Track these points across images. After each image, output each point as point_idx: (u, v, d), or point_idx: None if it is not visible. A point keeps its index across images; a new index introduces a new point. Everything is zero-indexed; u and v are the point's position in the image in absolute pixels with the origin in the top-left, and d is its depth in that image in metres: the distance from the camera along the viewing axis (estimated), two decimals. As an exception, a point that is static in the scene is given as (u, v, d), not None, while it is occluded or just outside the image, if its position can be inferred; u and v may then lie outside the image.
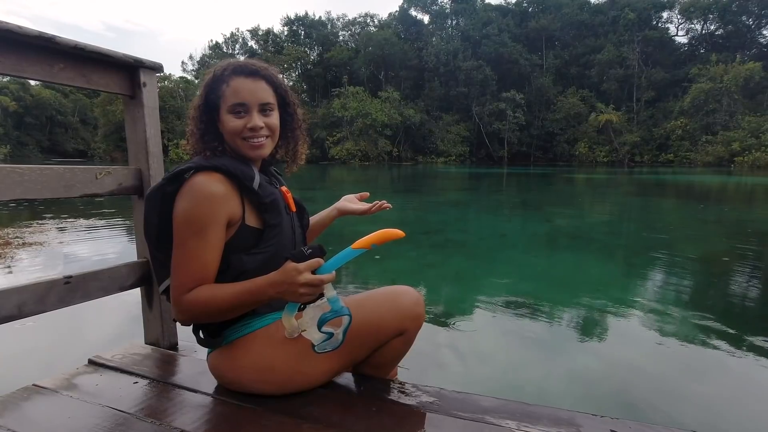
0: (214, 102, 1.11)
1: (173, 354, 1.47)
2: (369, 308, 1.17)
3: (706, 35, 51.85)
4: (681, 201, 12.11)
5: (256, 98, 1.10)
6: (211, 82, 1.12)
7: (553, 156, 52.26)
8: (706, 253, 5.37)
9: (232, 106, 1.09)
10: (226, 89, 1.10)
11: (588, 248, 5.68)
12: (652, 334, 2.75)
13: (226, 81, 1.10)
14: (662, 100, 48.39)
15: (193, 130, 1.13)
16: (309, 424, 1.04)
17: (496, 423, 1.05)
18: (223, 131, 1.12)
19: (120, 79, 1.40)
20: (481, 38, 53.86)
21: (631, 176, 24.39)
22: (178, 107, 50.38)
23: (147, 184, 1.46)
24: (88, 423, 1.05)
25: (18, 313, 1.16)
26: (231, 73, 1.10)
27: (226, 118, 1.10)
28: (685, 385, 2.18)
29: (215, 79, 1.11)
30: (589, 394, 2.06)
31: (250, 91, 1.10)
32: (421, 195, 13.58)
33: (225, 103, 1.10)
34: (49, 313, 1.26)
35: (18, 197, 1.15)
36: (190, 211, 1.02)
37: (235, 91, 1.09)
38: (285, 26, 65.48)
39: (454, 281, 4.11)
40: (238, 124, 1.10)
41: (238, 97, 1.09)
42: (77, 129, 57.17)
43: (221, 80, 1.10)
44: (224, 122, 1.11)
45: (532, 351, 2.53)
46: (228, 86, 1.09)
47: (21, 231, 6.18)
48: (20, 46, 1.14)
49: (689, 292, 3.74)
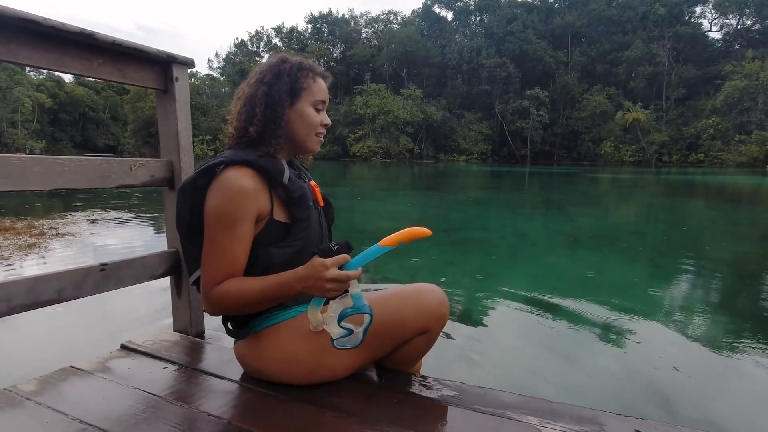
0: (296, 91, 1.13)
1: (200, 342, 1.52)
2: (393, 306, 1.17)
3: (742, 30, 49.93)
4: (711, 202, 11.71)
5: (327, 100, 1.19)
6: (296, 71, 1.13)
7: (578, 155, 51.27)
8: (737, 255, 5.19)
9: (318, 101, 1.15)
10: (314, 84, 1.14)
11: (612, 248, 5.56)
12: (678, 336, 2.68)
13: (312, 77, 1.14)
14: (693, 98, 46.89)
15: (261, 111, 1.10)
16: (331, 413, 1.06)
17: (517, 419, 1.05)
18: (295, 123, 1.13)
19: (154, 74, 1.44)
20: (505, 35, 53.19)
21: (659, 176, 23.72)
22: (203, 104, 51.43)
23: (178, 176, 1.50)
24: (121, 404, 1.10)
25: (58, 298, 1.22)
26: (318, 74, 1.16)
27: (309, 111, 1.14)
28: (713, 388, 2.12)
29: (302, 69, 1.14)
30: (613, 394, 2.03)
31: (326, 92, 1.18)
32: (441, 193, 13.52)
33: (311, 97, 1.14)
34: (86, 299, 1.32)
35: (60, 186, 1.20)
36: (220, 206, 1.04)
37: (322, 90, 1.16)
38: (309, 24, 66.10)
39: (475, 279, 4.09)
40: (318, 119, 1.16)
41: (323, 95, 1.16)
42: (108, 125, 58.96)
43: (307, 74, 1.14)
44: (304, 114, 1.14)
45: (554, 350, 2.50)
46: (315, 82, 1.14)
47: (55, 222, 6.43)
48: (62, 42, 1.19)
49: (717, 295, 3.63)
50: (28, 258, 4.25)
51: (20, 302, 1.13)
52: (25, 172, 1.13)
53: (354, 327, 1.05)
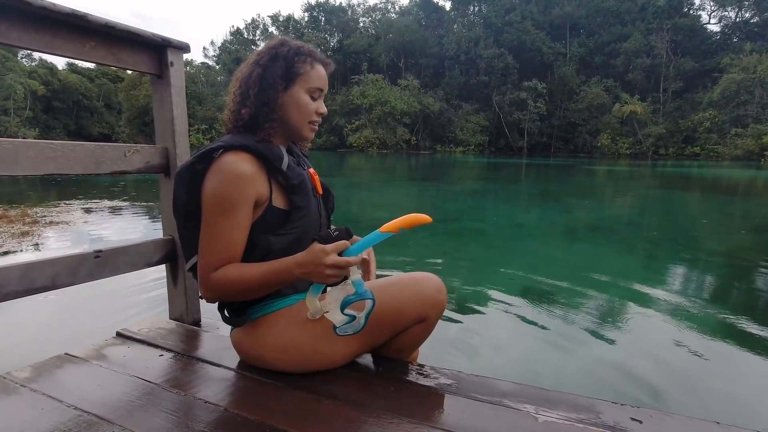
0: (291, 76, 1.10)
1: (196, 330, 1.51)
2: (391, 294, 1.17)
3: (740, 23, 49.82)
4: (706, 194, 11.77)
5: (326, 88, 1.15)
6: (294, 55, 1.10)
7: (574, 147, 51.29)
8: (731, 246, 5.22)
9: (314, 89, 1.12)
10: (311, 70, 1.11)
11: (607, 240, 5.58)
12: (672, 326, 2.70)
13: (309, 63, 1.11)
14: (690, 91, 46.87)
15: (255, 93, 1.08)
16: (328, 400, 1.06)
17: (514, 406, 1.05)
18: (289, 108, 1.10)
19: (148, 58, 1.42)
20: (504, 26, 52.84)
21: (655, 169, 23.79)
22: (199, 93, 50.87)
23: (173, 162, 1.48)
24: (117, 391, 1.09)
25: (52, 284, 1.20)
26: (317, 60, 1.12)
27: (304, 97, 1.11)
28: (708, 377, 2.14)
29: (300, 54, 1.10)
30: (608, 383, 2.05)
31: (325, 80, 1.14)
32: (438, 184, 13.51)
33: (306, 83, 1.11)
34: (80, 287, 1.30)
35: (51, 172, 1.18)
36: (218, 190, 1.02)
37: (320, 77, 1.12)
38: (306, 12, 65.41)
39: (470, 269, 4.10)
40: (313, 107, 1.13)
41: (320, 82, 1.12)
42: (102, 113, 58.19)
43: (305, 60, 1.11)
44: (299, 100, 1.10)
45: (550, 340, 2.51)
46: (313, 68, 1.11)
47: (48, 210, 6.38)
48: (54, 24, 1.16)
49: (712, 286, 3.66)
50: (21, 246, 4.22)
51: (13, 288, 1.12)
52: (17, 156, 1.11)
53: (356, 313, 1.04)
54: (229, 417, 1.00)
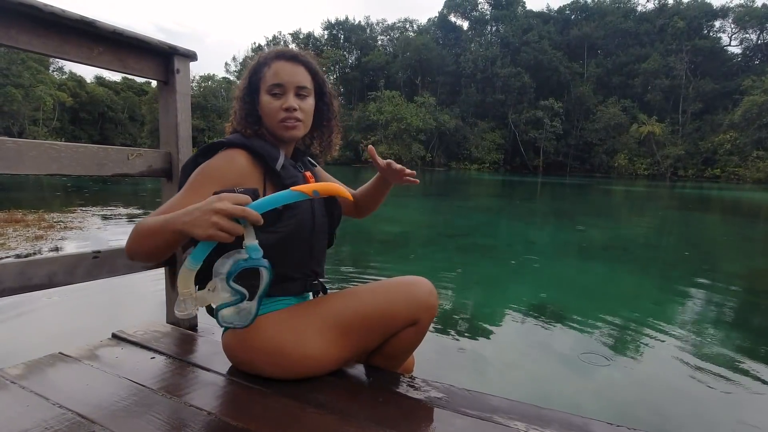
0: (256, 84, 1.16)
1: (192, 334, 1.51)
2: (381, 295, 1.16)
3: (762, 45, 49.21)
4: (726, 217, 11.47)
5: (293, 80, 1.14)
6: (256, 65, 1.17)
7: (591, 167, 50.79)
8: (750, 271, 5.06)
9: (271, 86, 1.13)
10: (267, 71, 1.14)
11: (621, 260, 5.46)
12: (682, 353, 2.60)
13: (268, 64, 1.15)
14: (710, 112, 46.21)
15: (237, 110, 1.18)
16: (313, 408, 1.04)
17: (504, 423, 1.02)
18: (261, 113, 1.16)
19: (155, 65, 1.45)
20: (521, 45, 53.12)
21: (673, 190, 23.35)
22: (220, 107, 52.07)
23: (176, 167, 1.50)
24: (104, 392, 1.09)
25: (48, 283, 1.22)
26: (273, 57, 1.16)
27: (265, 99, 1.14)
28: (717, 410, 2.05)
29: (259, 63, 1.17)
30: (609, 408, 1.98)
31: (289, 73, 1.14)
32: (452, 200, 13.46)
33: (264, 85, 1.14)
34: (82, 288, 1.32)
35: (55, 172, 1.21)
36: (205, 165, 1.08)
37: (275, 73, 1.14)
38: (325, 30, 66.75)
39: (478, 284, 4.04)
40: (275, 105, 1.14)
41: (277, 78, 1.13)
42: (125, 125, 59.89)
43: (264, 64, 1.16)
44: (262, 103, 1.15)
45: (553, 360, 2.44)
46: (269, 68, 1.14)
47: (65, 216, 6.53)
48: (63, 30, 1.20)
49: (729, 312, 3.53)
50: (32, 248, 4.31)
51: (9, 285, 1.13)
52: (20, 155, 1.14)
53: (245, 291, 0.89)
54: (212, 421, 0.98)
